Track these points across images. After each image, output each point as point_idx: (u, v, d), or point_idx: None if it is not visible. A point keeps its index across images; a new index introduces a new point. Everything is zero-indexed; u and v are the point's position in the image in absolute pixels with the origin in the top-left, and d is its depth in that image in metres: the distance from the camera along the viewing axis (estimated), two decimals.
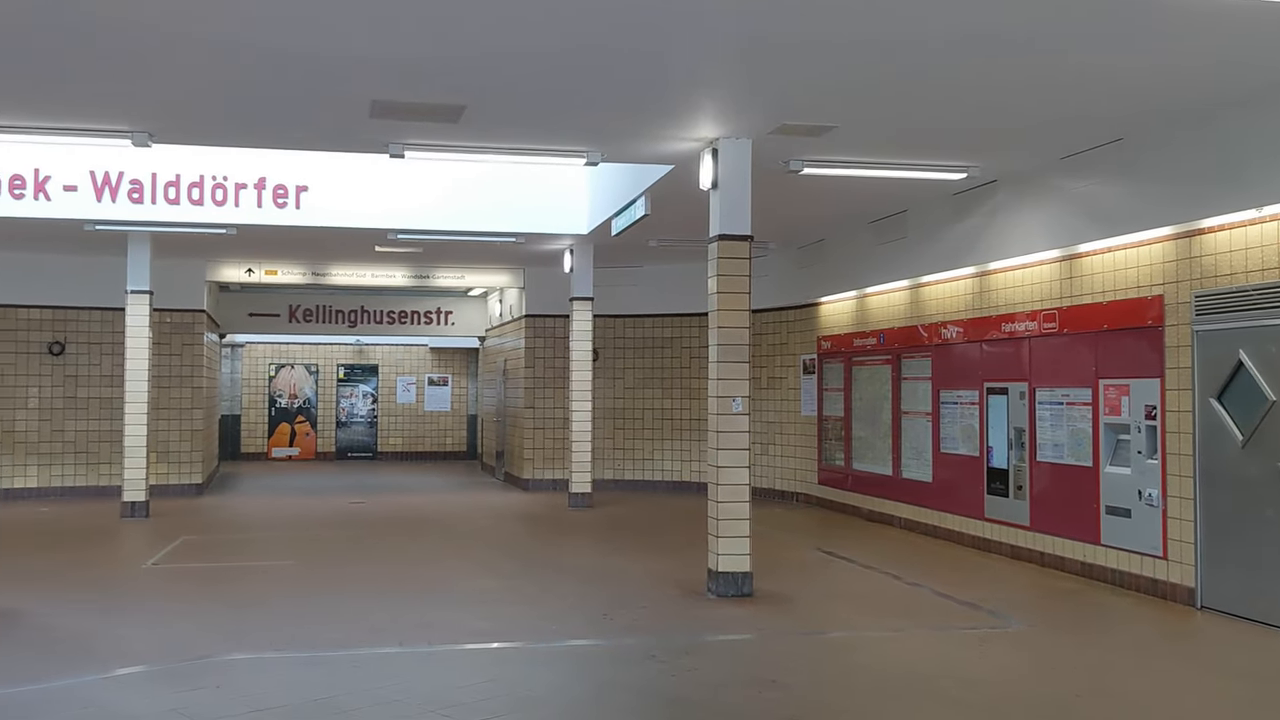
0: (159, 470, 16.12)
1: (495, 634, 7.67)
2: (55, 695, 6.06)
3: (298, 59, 7.08)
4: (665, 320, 17.72)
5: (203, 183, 12.91)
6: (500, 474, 19.74)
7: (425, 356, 25.35)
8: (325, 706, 5.79)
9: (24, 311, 16.18)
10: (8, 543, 11.38)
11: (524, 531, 13.44)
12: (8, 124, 8.54)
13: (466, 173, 13.35)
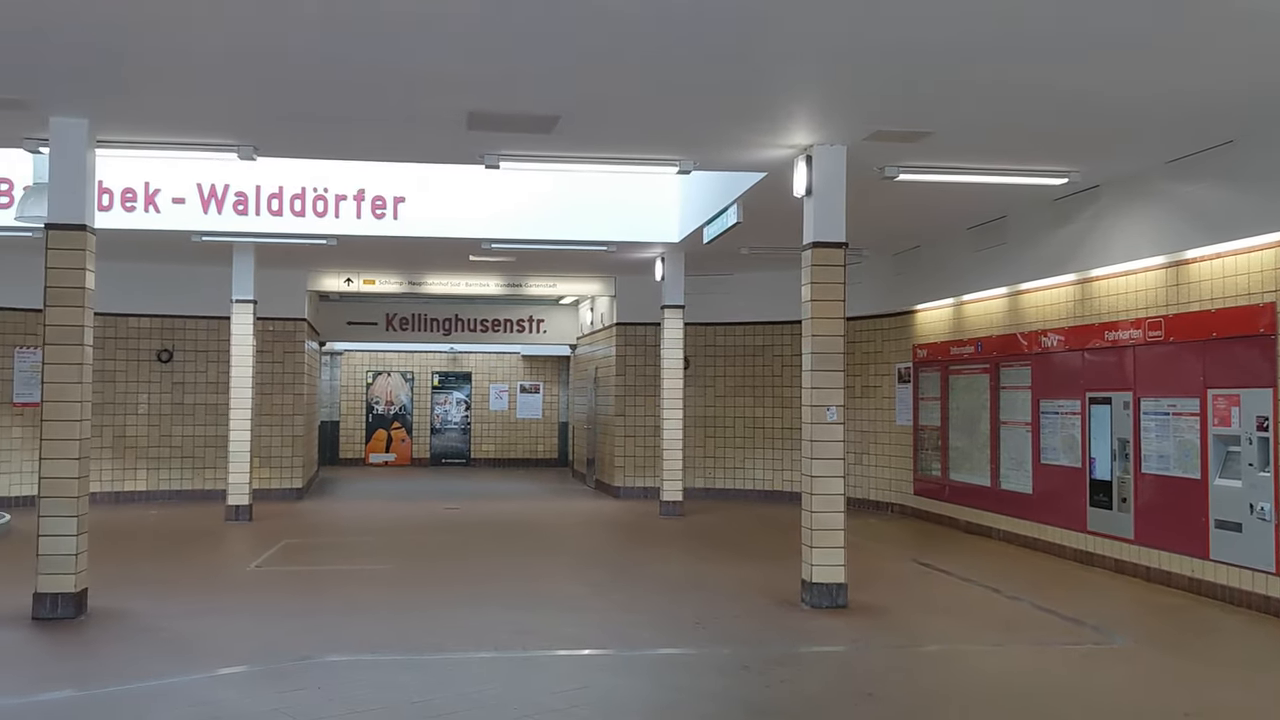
0: (261, 475, 16.54)
1: (588, 641, 7.70)
2: (164, 692, 6.25)
3: (397, 74, 7.22)
4: (757, 328, 17.64)
5: (304, 194, 13.24)
6: (591, 481, 19.83)
7: (517, 364, 25.61)
8: (422, 709, 5.88)
9: (134, 320, 16.75)
10: (120, 545, 11.77)
11: (615, 539, 13.48)
12: (124, 139, 8.85)
13: (559, 182, 13.48)
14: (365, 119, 8.46)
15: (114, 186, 12.78)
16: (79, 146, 8.38)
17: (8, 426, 15.64)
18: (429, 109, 8.10)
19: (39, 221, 10.31)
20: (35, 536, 8.21)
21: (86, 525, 8.40)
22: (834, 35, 6.46)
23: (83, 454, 8.31)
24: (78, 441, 8.24)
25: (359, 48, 6.71)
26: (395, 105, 8.03)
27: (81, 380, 8.28)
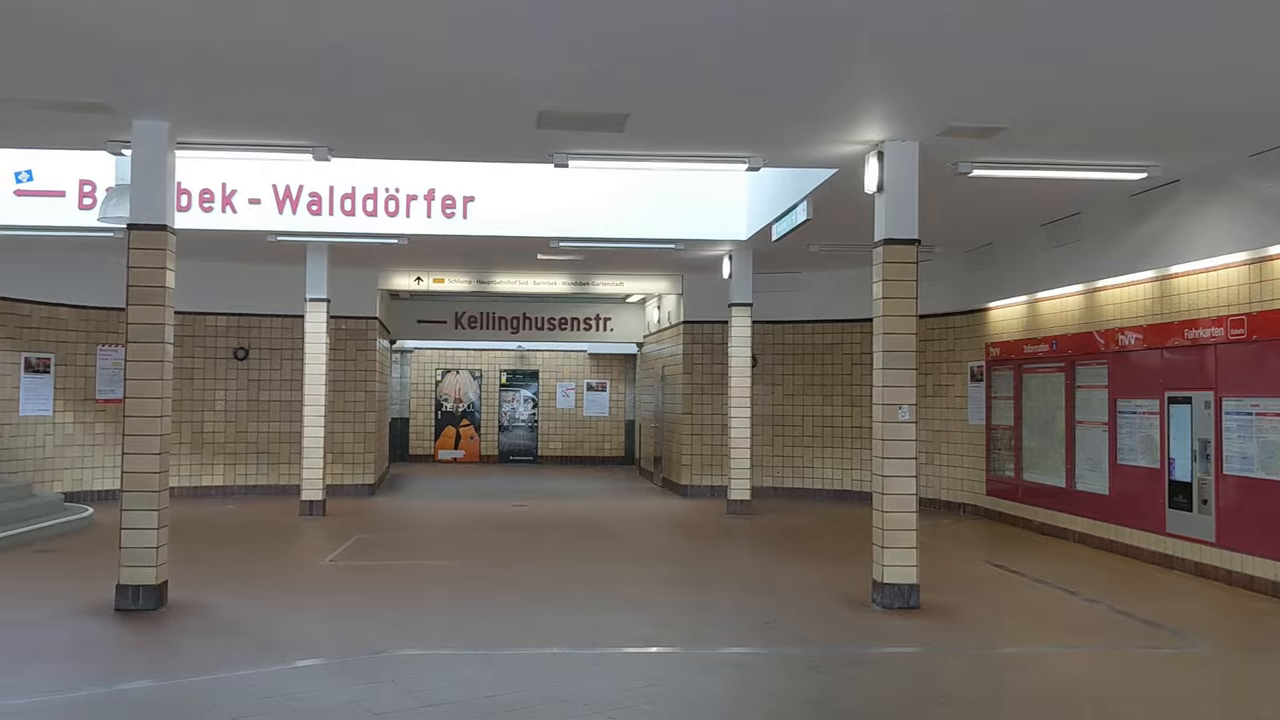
0: (334, 470, 16.80)
1: (657, 639, 7.70)
2: (240, 684, 6.37)
3: (469, 75, 7.28)
4: (826, 326, 17.51)
5: (376, 195, 13.43)
6: (658, 479, 19.84)
7: (584, 362, 25.71)
8: (495, 704, 5.92)
9: (211, 318, 17.10)
10: (199, 539, 12.02)
11: (683, 538, 13.47)
12: (203, 141, 9.04)
13: (627, 180, 13.52)
14: (437, 119, 8.54)
15: (192, 188, 13.07)
16: (160, 148, 8.57)
17: (90, 423, 16.06)
18: (499, 109, 8.15)
19: (121, 222, 10.58)
20: (118, 530, 8.42)
21: (167, 519, 8.59)
22: (910, 31, 6.38)
23: (163, 449, 8.50)
24: (158, 437, 8.43)
25: (430, 50, 6.78)
26: (466, 105, 8.09)
27: (162, 377, 8.47)
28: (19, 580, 9.72)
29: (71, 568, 10.35)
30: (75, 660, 6.99)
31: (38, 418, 15.34)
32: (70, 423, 15.81)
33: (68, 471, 15.73)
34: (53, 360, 15.54)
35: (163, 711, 5.91)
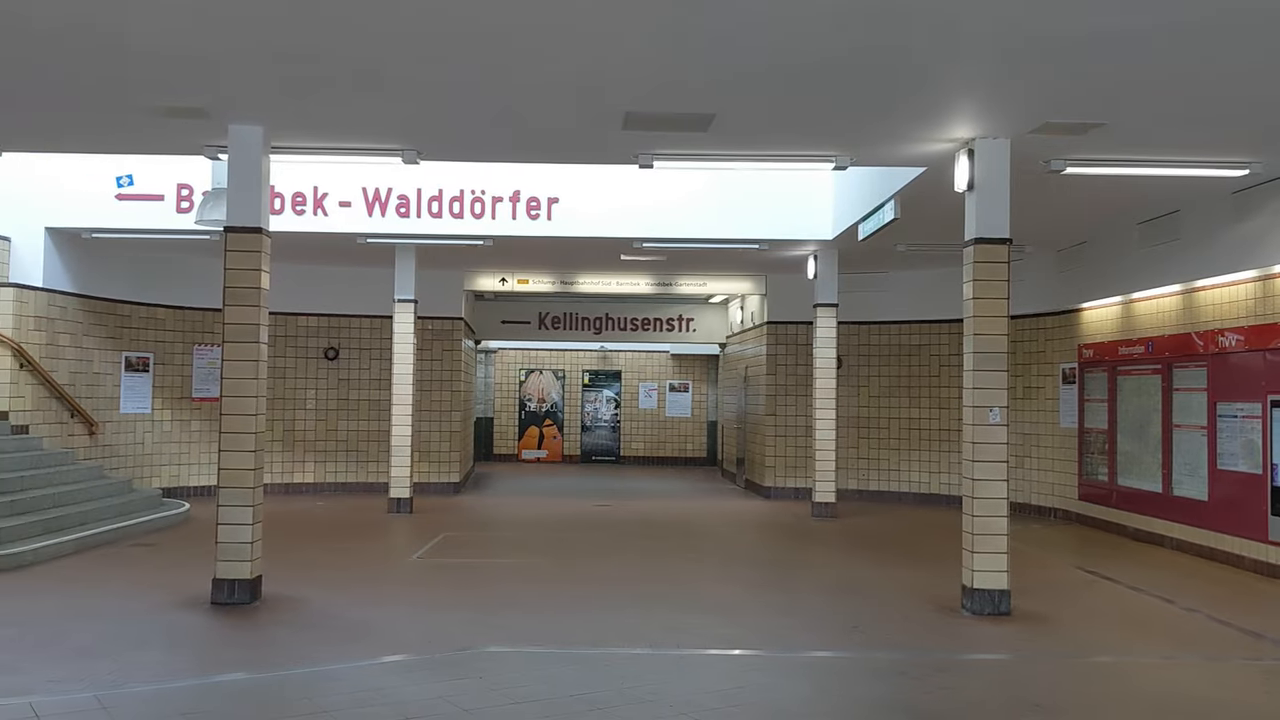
0: (421, 469, 17.04)
1: (742, 641, 7.65)
2: (332, 677, 6.48)
3: (557, 76, 7.32)
4: (913, 327, 17.27)
5: (463, 197, 13.60)
6: (741, 481, 19.76)
7: (666, 363, 25.71)
8: (581, 702, 5.93)
9: (303, 319, 17.46)
10: (291, 534, 12.28)
11: (767, 540, 13.38)
12: (296, 145, 9.22)
13: (711, 180, 13.49)
14: (524, 121, 8.60)
15: (285, 191, 13.37)
16: (255, 153, 8.76)
17: (187, 420, 16.50)
18: (585, 110, 8.19)
19: (217, 225, 10.86)
20: (214, 525, 8.64)
21: (261, 515, 8.78)
22: (1003, 26, 6.26)
23: (258, 447, 8.69)
24: (253, 435, 8.62)
25: (521, 52, 6.83)
26: (554, 107, 8.14)
27: (257, 376, 8.66)
28: (120, 573, 10.02)
29: (169, 562, 10.64)
30: (174, 651, 7.18)
31: (137, 415, 15.81)
32: (168, 420, 16.27)
33: (165, 468, 16.19)
34: (151, 359, 16.00)
35: (257, 703, 6.04)
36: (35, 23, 6.39)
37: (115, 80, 7.57)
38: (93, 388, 14.88)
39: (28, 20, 6.35)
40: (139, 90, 7.79)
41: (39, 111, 8.49)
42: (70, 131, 9.36)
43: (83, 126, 9.06)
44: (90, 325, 14.85)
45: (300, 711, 5.74)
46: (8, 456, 12.02)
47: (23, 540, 10.40)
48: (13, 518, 10.80)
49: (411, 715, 5.64)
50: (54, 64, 7.20)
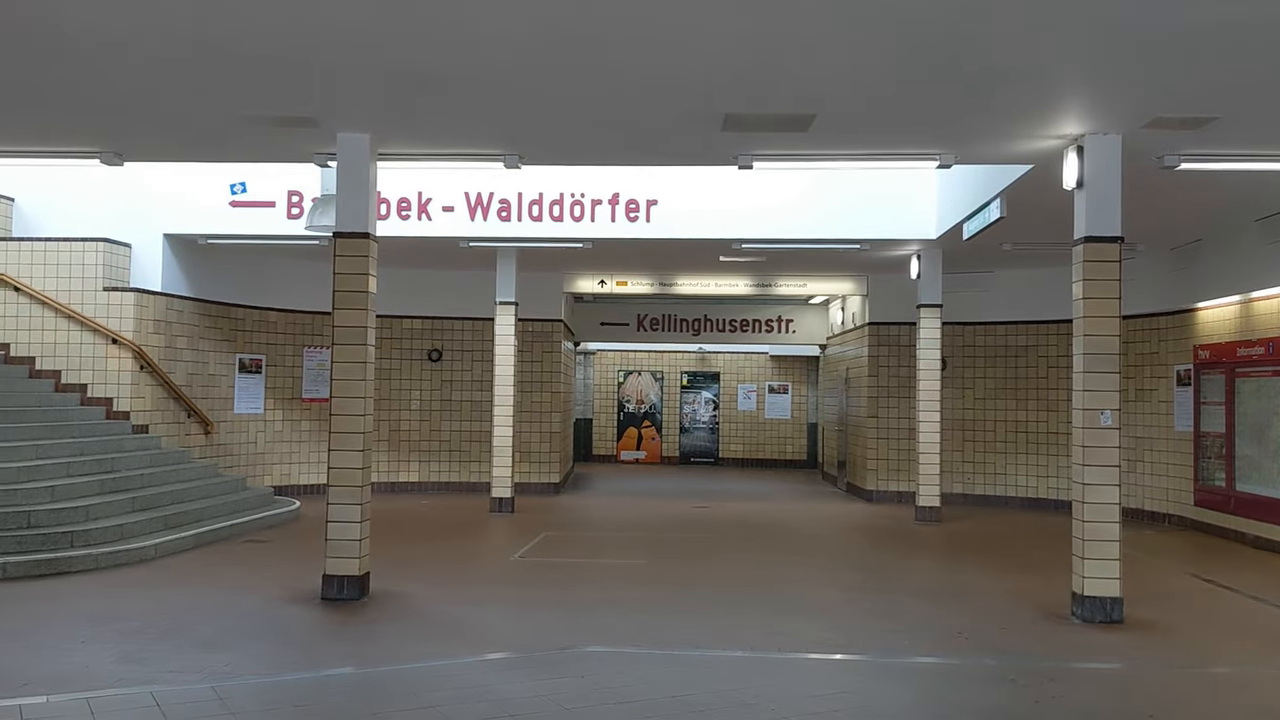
0: (522, 469, 17.25)
1: (843, 645, 7.57)
2: (436, 673, 6.60)
3: (657, 79, 7.34)
4: (1020, 328, 16.90)
5: (562, 200, 13.74)
6: (842, 484, 19.56)
7: (765, 364, 25.59)
8: (681, 703, 5.94)
9: (407, 322, 17.81)
10: (396, 532, 12.53)
11: (869, 543, 13.23)
12: (402, 152, 9.41)
13: (810, 180, 13.40)
14: (624, 125, 8.64)
15: (391, 197, 13.66)
16: (362, 160, 8.97)
17: (298, 420, 16.96)
18: (685, 112, 8.19)
19: (326, 230, 11.15)
20: (324, 522, 8.86)
21: (369, 513, 8.99)
22: (1112, 18, 6.09)
23: (366, 447, 8.89)
24: (361, 435, 8.83)
25: (622, 55, 6.87)
26: (652, 110, 8.16)
27: (365, 378, 8.87)
28: (235, 568, 10.34)
29: (281, 558, 10.95)
30: (286, 645, 7.38)
31: (250, 415, 16.31)
32: (279, 420, 16.74)
33: (276, 466, 16.66)
34: (264, 361, 16.49)
35: (365, 697, 6.17)
36: (149, 38, 6.64)
37: (229, 92, 7.82)
38: (208, 388, 15.40)
39: (144, 35, 6.60)
40: (252, 101, 8.04)
41: (157, 123, 8.81)
42: (186, 141, 9.69)
43: (198, 136, 9.38)
44: (206, 328, 15.36)
45: (407, 706, 5.86)
46: (129, 455, 12.50)
47: (145, 535, 10.81)
48: (135, 514, 11.24)
49: (514, 713, 5.71)
50: (170, 77, 7.47)
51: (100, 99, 8.07)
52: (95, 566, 9.81)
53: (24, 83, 7.64)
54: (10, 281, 13.50)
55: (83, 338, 13.58)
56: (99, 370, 13.59)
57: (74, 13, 6.23)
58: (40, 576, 9.36)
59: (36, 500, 10.39)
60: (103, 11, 6.20)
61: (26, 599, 8.59)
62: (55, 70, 7.34)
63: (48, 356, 13.54)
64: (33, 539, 9.75)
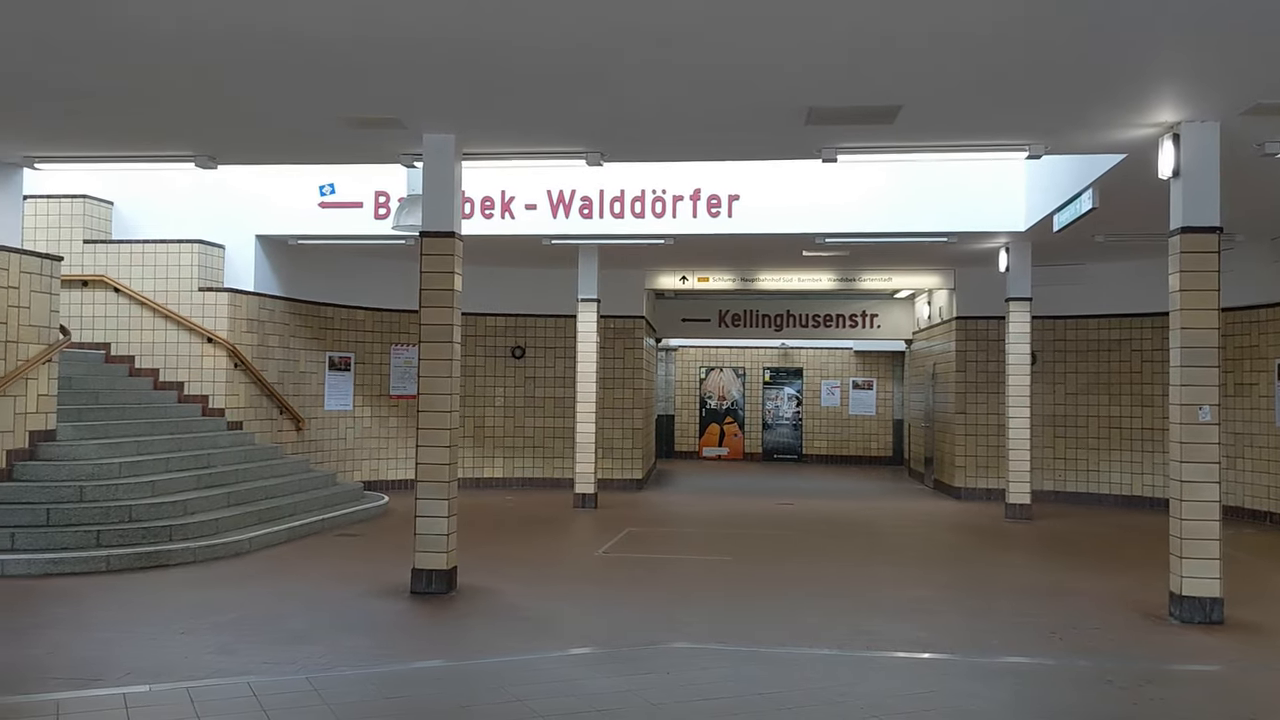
0: (604, 465, 17.32)
1: (932, 644, 7.46)
2: (523, 667, 6.65)
3: (738, 74, 7.30)
4: (1112, 321, 16.49)
5: (644, 196, 13.75)
6: (929, 481, 19.29)
7: (849, 360, 25.35)
8: (768, 701, 5.91)
9: (490, 319, 17.99)
10: (482, 528, 12.66)
11: (958, 541, 13.02)
12: (486, 151, 9.51)
13: (895, 172, 13.23)
14: (707, 120, 8.62)
15: (474, 196, 13.81)
16: (448, 160, 9.08)
17: (385, 417, 17.24)
18: (768, 106, 8.14)
19: (413, 230, 11.30)
20: (412, 517, 9.00)
21: (456, 508, 9.09)
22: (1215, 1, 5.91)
23: (452, 443, 9.00)
24: (448, 431, 8.94)
25: (704, 50, 6.84)
26: (735, 105, 8.12)
27: (451, 375, 8.97)
28: (326, 561, 10.55)
29: (371, 552, 11.14)
30: (377, 637, 7.50)
31: (340, 412, 16.62)
32: (367, 417, 17.04)
33: (365, 462, 16.96)
34: (352, 359, 16.79)
35: (455, 689, 6.25)
36: (245, 44, 6.79)
37: (318, 95, 7.97)
38: (299, 386, 15.73)
39: (239, 41, 6.75)
40: (340, 104, 8.18)
41: (249, 126, 9.02)
42: (277, 144, 9.91)
43: (288, 139, 9.58)
44: (296, 326, 15.70)
45: (495, 700, 5.92)
46: (224, 451, 12.83)
47: (240, 529, 11.09)
48: (231, 508, 11.53)
49: (601, 708, 5.73)
50: (262, 81, 7.63)
51: (195, 104, 8.28)
52: (193, 559, 10.09)
53: (124, 88, 7.87)
54: (110, 283, 13.94)
55: (179, 337, 13.97)
56: (195, 368, 13.96)
57: (172, 16, 6.39)
58: (141, 569, 9.65)
59: (138, 495, 10.71)
60: (199, 16, 6.36)
61: (129, 590, 8.87)
62: (152, 75, 7.55)
63: (147, 355, 13.95)
64: (134, 532, 10.06)
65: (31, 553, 9.50)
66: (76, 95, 8.03)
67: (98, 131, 9.23)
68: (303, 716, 5.54)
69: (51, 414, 10.95)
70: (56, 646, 6.98)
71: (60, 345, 11.11)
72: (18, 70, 7.41)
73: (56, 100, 8.20)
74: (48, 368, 10.84)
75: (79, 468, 10.67)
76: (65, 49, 6.95)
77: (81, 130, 9.20)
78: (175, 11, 6.25)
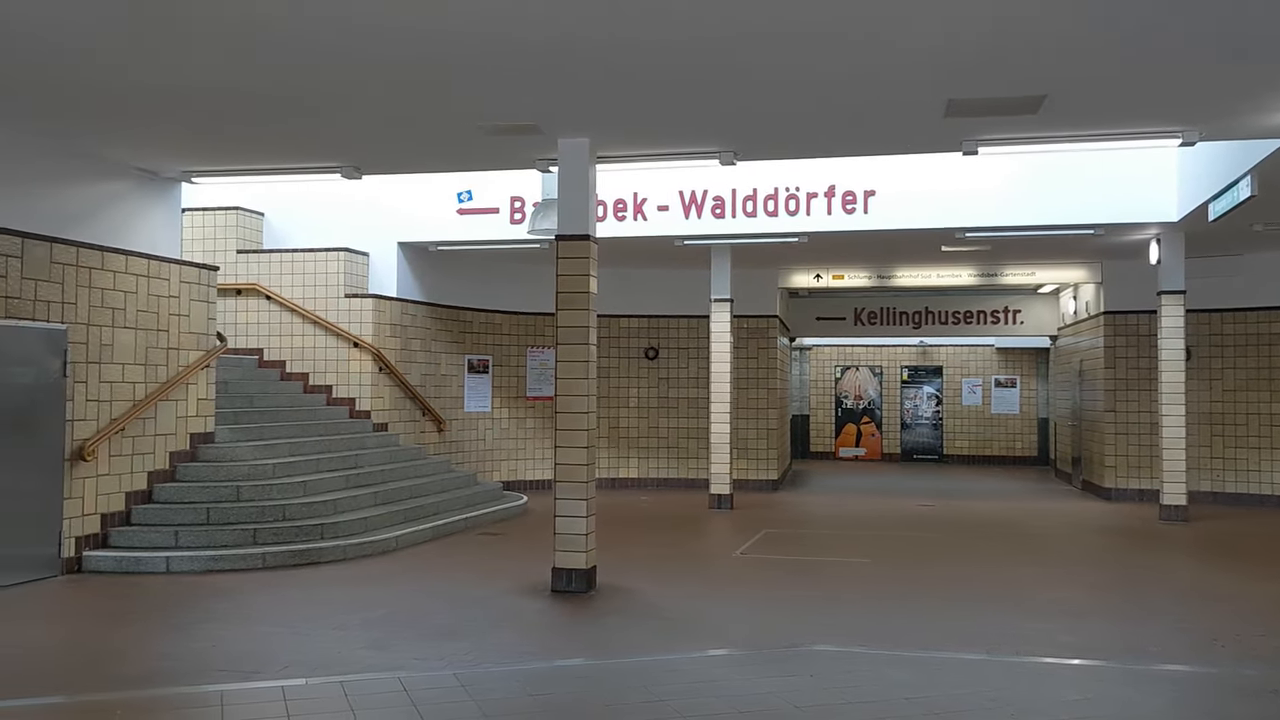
0: (740, 466, 17.25)
1: (1085, 649, 7.20)
2: (664, 667, 6.66)
3: (874, 68, 7.18)
4: (1274, 314, 15.67)
5: (777, 195, 13.66)
6: (1077, 481, 18.65)
7: (991, 357, 24.70)
8: (916, 706, 5.79)
9: (624, 321, 18.11)
10: (619, 528, 12.74)
11: (1109, 544, 12.55)
12: (619, 154, 9.57)
13: (1037, 163, 12.82)
14: (842, 116, 8.51)
15: (607, 198, 13.92)
16: (582, 164, 9.17)
17: (523, 418, 17.53)
18: (905, 100, 7.98)
19: (548, 234, 11.46)
20: (551, 517, 9.11)
21: (594, 508, 9.18)
22: None
23: (590, 443, 9.08)
24: (585, 432, 9.02)
25: (838, 45, 6.75)
26: (872, 99, 7.99)
27: (588, 376, 9.06)
28: (469, 560, 10.77)
29: (512, 550, 11.33)
30: (520, 635, 7.62)
31: (479, 413, 16.98)
32: (506, 418, 17.35)
33: (504, 463, 17.27)
34: (490, 361, 17.13)
35: (598, 688, 6.31)
36: (390, 56, 6.98)
37: (458, 104, 8.14)
38: (440, 388, 16.12)
39: (383, 54, 6.95)
40: (479, 112, 8.34)
41: (392, 136, 9.28)
42: (419, 153, 10.19)
43: (429, 148, 9.83)
44: (437, 330, 16.09)
45: (637, 699, 5.95)
46: (371, 452, 13.24)
47: (387, 528, 11.41)
48: (378, 507, 11.88)
49: (745, 710, 5.70)
50: (405, 92, 7.84)
51: (341, 116, 8.56)
52: (343, 557, 10.43)
53: (276, 100, 8.19)
54: (263, 291, 14.52)
55: (327, 342, 14.46)
56: (342, 372, 14.44)
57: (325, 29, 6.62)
58: (295, 566, 10.01)
59: (291, 494, 11.13)
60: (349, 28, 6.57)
61: (283, 586, 9.22)
62: (303, 88, 7.83)
63: (297, 360, 14.49)
64: (288, 531, 10.45)
65: (194, 550, 9.97)
66: (232, 110, 8.39)
67: (250, 146, 9.63)
68: (452, 713, 5.66)
69: (210, 417, 11.46)
70: (218, 640, 7.29)
71: (217, 351, 11.62)
72: (177, 85, 7.77)
73: (213, 115, 8.58)
74: (206, 373, 11.35)
75: (235, 468, 11.14)
76: (224, 64, 7.26)
77: (235, 145, 9.61)
78: (327, 26, 6.47)
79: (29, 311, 9.19)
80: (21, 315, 9.11)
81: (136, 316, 10.41)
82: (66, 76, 7.53)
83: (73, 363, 9.61)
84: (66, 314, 9.57)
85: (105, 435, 9.91)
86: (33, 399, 9.25)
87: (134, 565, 9.69)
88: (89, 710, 5.82)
